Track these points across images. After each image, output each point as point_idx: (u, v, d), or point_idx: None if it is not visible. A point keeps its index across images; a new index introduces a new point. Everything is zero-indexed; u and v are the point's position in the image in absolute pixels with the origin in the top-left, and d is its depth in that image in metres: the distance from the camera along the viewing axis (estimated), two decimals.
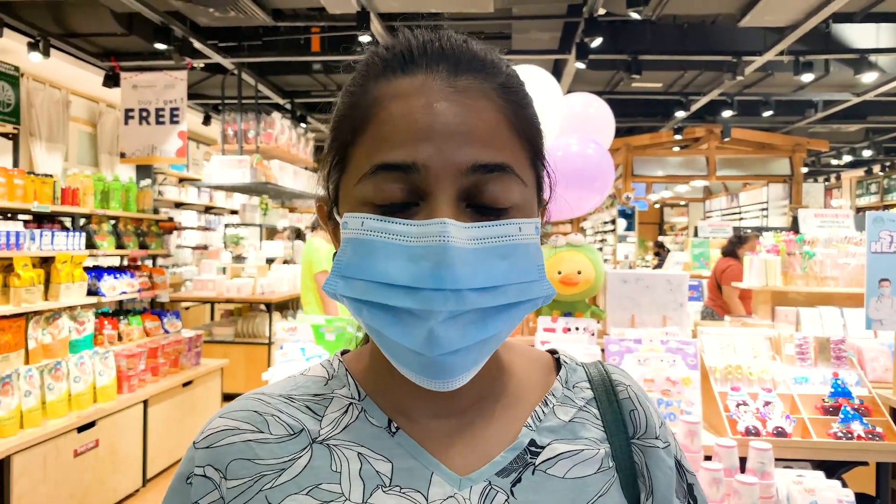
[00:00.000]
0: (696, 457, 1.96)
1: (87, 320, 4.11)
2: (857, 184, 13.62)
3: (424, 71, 0.57)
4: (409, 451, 0.60)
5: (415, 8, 5.45)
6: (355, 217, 0.56)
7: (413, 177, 0.54)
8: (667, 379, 2.23)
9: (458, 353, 0.53)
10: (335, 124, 0.62)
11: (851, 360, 2.59)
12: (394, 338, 0.54)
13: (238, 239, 8.42)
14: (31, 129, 6.68)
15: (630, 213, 10.32)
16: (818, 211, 4.64)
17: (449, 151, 0.54)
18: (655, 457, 0.66)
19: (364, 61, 0.62)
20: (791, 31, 5.72)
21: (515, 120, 0.59)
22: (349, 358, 0.68)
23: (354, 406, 0.63)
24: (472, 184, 0.55)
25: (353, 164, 0.58)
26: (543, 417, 0.64)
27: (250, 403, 0.63)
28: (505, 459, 0.60)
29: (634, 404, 0.68)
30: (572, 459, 0.62)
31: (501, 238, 0.55)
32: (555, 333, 2.54)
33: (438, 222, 0.52)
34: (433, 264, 0.51)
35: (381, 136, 0.56)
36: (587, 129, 2.78)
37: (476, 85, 0.57)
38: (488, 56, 0.60)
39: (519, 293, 0.55)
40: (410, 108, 0.55)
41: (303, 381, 0.66)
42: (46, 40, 5.62)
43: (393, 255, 0.53)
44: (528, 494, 0.59)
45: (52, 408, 3.56)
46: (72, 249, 4.08)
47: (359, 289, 0.55)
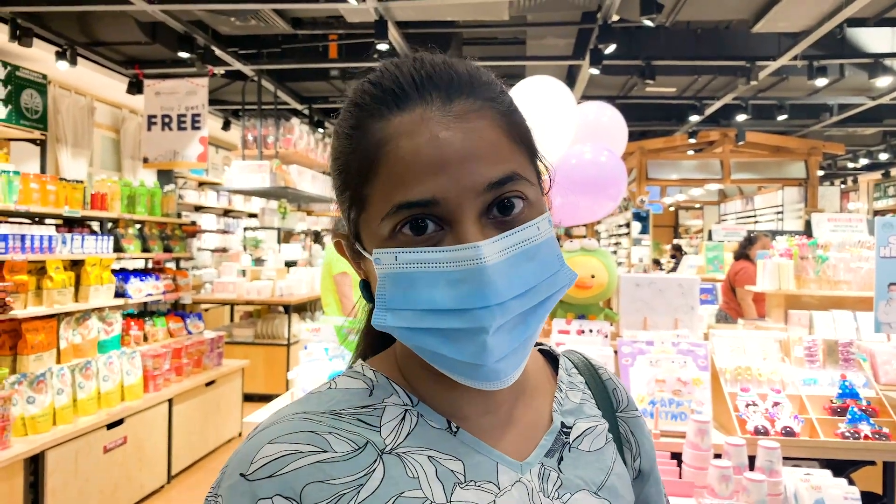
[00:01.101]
0: (706, 455, 2.03)
1: (115, 321, 4.25)
2: (875, 187, 13.54)
3: (419, 104, 0.59)
4: (472, 447, 0.64)
5: (431, 16, 5.55)
6: (387, 252, 0.59)
7: (434, 209, 0.57)
8: (678, 380, 2.30)
9: (507, 357, 0.58)
10: (340, 167, 0.64)
11: (859, 361, 2.65)
12: (448, 354, 0.58)
13: (257, 242, 8.56)
14: (57, 134, 6.85)
15: (645, 216, 10.34)
16: (831, 215, 4.67)
17: (462, 179, 0.57)
18: (638, 424, 0.79)
19: (352, 101, 0.64)
20: (805, 35, 5.75)
21: (510, 128, 0.62)
22: (379, 367, 0.69)
23: (410, 413, 0.64)
24: (489, 199, 0.58)
25: (373, 205, 0.60)
26: (564, 402, 0.74)
27: (300, 424, 0.60)
28: (548, 442, 0.69)
29: (615, 383, 0.81)
30: (592, 435, 0.72)
31: (526, 241, 0.59)
32: (569, 335, 2.62)
33: (471, 247, 0.56)
34: (474, 286, 0.55)
35: (395, 177, 0.58)
36: (600, 137, 2.86)
37: (468, 106, 0.60)
38: (471, 72, 0.63)
39: (549, 288, 0.61)
40: (417, 144, 0.58)
41: (341, 395, 0.65)
42: (73, 49, 5.78)
43: (433, 282, 0.57)
44: (570, 469, 0.68)
45: (83, 405, 3.69)
46: (100, 253, 4.21)
47: (407, 318, 0.58)
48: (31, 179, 3.78)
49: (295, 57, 6.77)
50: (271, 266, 7.38)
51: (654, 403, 2.29)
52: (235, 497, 0.58)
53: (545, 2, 5.49)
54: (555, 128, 2.79)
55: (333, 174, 0.67)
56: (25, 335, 3.50)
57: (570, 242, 2.71)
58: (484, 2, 5.04)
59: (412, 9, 5.22)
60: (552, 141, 2.82)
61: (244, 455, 0.59)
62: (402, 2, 4.99)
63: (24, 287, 3.57)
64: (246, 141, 7.12)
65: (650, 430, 2.24)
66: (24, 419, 3.32)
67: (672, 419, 2.27)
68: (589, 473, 0.69)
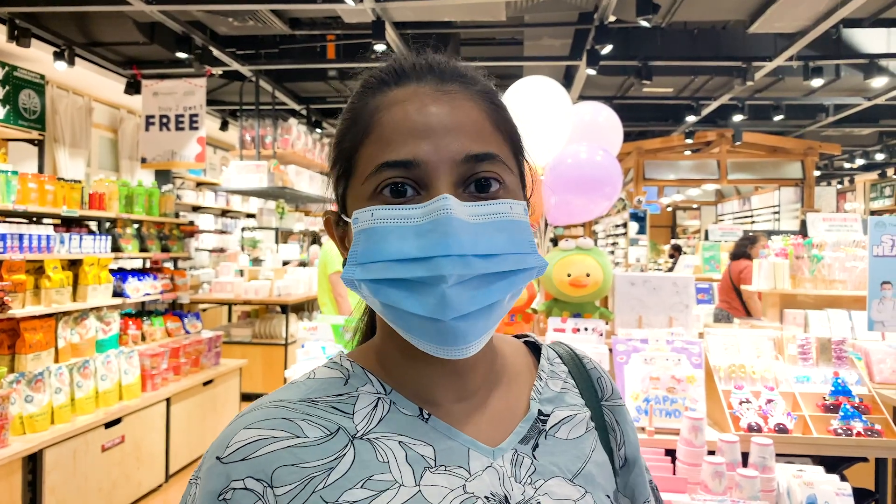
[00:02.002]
0: (700, 451, 2.04)
1: (113, 321, 4.26)
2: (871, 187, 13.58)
3: (415, 82, 0.65)
4: (444, 433, 0.65)
5: (429, 17, 5.57)
6: (364, 211, 0.62)
7: (414, 171, 0.61)
8: (672, 377, 2.32)
9: (468, 317, 0.59)
10: (338, 139, 0.69)
11: (853, 359, 2.67)
12: (409, 309, 0.59)
13: (255, 242, 8.58)
14: (55, 135, 6.86)
15: (642, 217, 10.37)
16: (826, 215, 4.69)
17: (444, 146, 0.61)
18: (622, 413, 0.81)
19: (361, 84, 0.70)
20: (801, 36, 5.77)
21: (496, 119, 0.67)
22: (357, 358, 0.72)
23: (383, 400, 0.67)
24: (466, 171, 0.62)
25: (359, 168, 0.64)
26: (543, 390, 0.75)
27: (275, 411, 0.63)
28: (523, 429, 0.70)
29: (600, 372, 0.83)
30: (570, 423, 0.74)
31: (497, 214, 0.62)
32: (564, 333, 2.63)
33: (441, 198, 0.59)
34: (439, 234, 0.58)
35: (384, 139, 0.63)
36: (596, 137, 2.88)
37: (460, 90, 0.65)
38: (468, 70, 0.69)
39: (517, 262, 0.62)
40: (406, 111, 0.63)
41: (317, 385, 0.67)
42: (71, 49, 5.79)
43: (404, 235, 0.60)
44: (546, 456, 0.69)
45: (81, 404, 3.70)
46: (98, 252, 4.22)
47: (374, 270, 0.60)
48: (29, 179, 3.79)
49: (293, 57, 6.79)
50: (269, 266, 7.39)
51: (649, 401, 2.30)
52: (212, 478, 0.61)
53: (542, 2, 5.51)
54: (550, 127, 2.81)
55: (331, 154, 0.71)
56: (23, 334, 3.51)
57: (566, 242, 2.73)
58: (481, 2, 5.06)
59: (409, 9, 5.24)
60: (548, 140, 2.84)
61: (222, 440, 0.62)
62: (399, 2, 5.01)
63: (22, 286, 3.58)
64: (244, 141, 7.13)
65: (644, 426, 2.26)
66: (23, 418, 3.33)
67: (666, 416, 2.29)
68: (564, 461, 0.70)
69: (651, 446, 2.22)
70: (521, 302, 2.74)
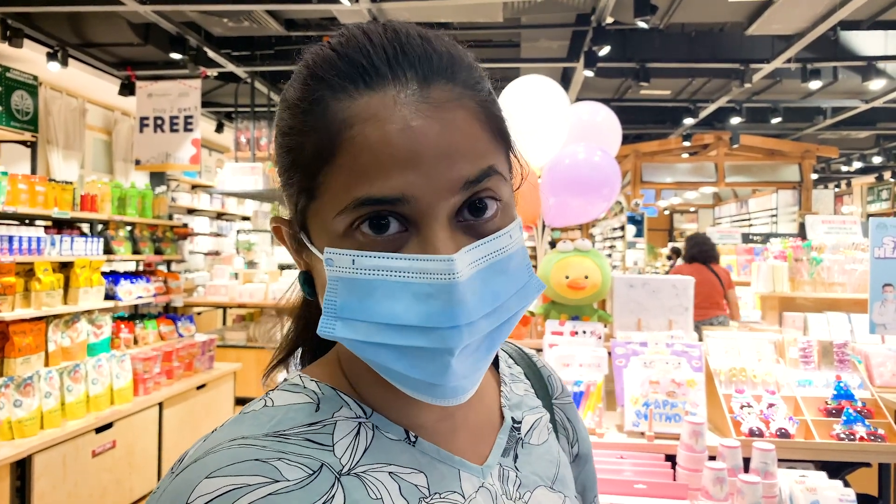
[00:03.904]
0: (701, 457, 2.00)
1: (105, 324, 4.20)
2: (868, 190, 13.59)
3: (392, 84, 0.52)
4: (433, 456, 0.60)
5: (425, 18, 5.54)
6: (342, 254, 0.52)
7: (401, 208, 0.51)
8: (672, 381, 2.28)
9: (468, 376, 0.54)
10: (290, 144, 0.56)
11: (854, 363, 2.63)
12: (403, 371, 0.52)
13: (250, 245, 8.53)
14: (48, 136, 6.81)
15: (639, 220, 10.36)
16: (825, 217, 4.67)
17: (437, 176, 0.51)
18: (572, 410, 0.79)
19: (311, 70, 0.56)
20: (798, 38, 5.76)
21: (488, 119, 0.56)
22: (320, 377, 0.62)
23: (365, 426, 0.58)
24: (462, 200, 0.53)
25: (328, 195, 0.53)
26: (510, 396, 0.71)
27: (242, 452, 0.51)
28: (503, 440, 0.66)
29: (549, 370, 0.80)
30: (538, 427, 0.71)
31: (497, 252, 0.54)
32: (562, 336, 2.59)
33: (444, 260, 0.50)
34: (444, 303, 0.50)
35: (359, 167, 0.51)
36: (594, 138, 2.84)
37: (448, 93, 0.53)
38: (451, 52, 0.56)
39: (518, 302, 0.56)
40: (387, 132, 0.51)
41: (281, 414, 0.57)
42: (65, 50, 5.74)
43: (396, 294, 0.51)
44: (526, 466, 0.66)
45: (71, 409, 3.64)
46: (90, 255, 4.17)
47: (362, 330, 0.52)
48: (19, 180, 3.74)
49: (288, 58, 6.75)
50: (264, 269, 7.34)
51: (648, 405, 2.26)
52: None
53: (539, 3, 5.48)
54: (548, 128, 2.77)
55: (280, 151, 0.58)
56: (13, 337, 3.46)
57: (564, 243, 2.69)
58: (478, 3, 5.03)
59: (406, 10, 5.21)
60: (546, 141, 2.80)
61: (176, 495, 0.49)
62: (395, 3, 4.97)
63: (11, 289, 3.52)
64: (239, 143, 7.09)
65: (644, 431, 2.22)
66: (11, 423, 3.27)
67: (666, 421, 2.25)
68: (542, 468, 0.67)
69: (651, 451, 2.19)
70: None
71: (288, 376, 0.63)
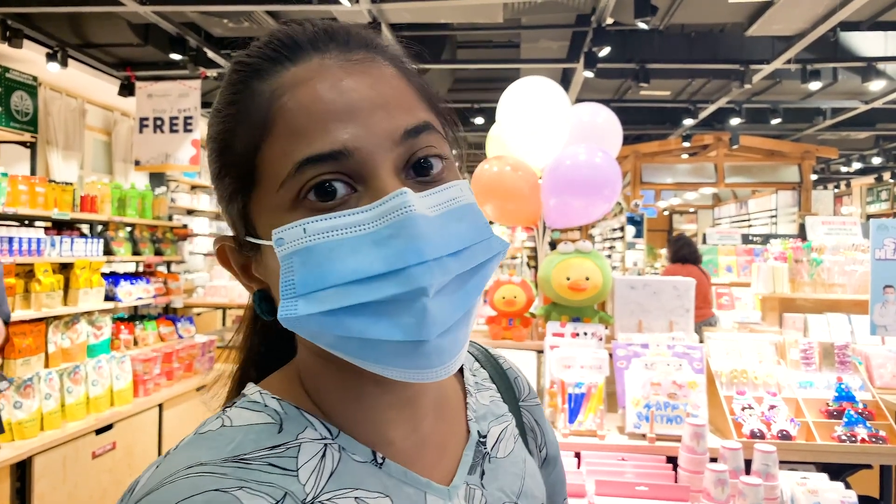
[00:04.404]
0: (702, 458, 2.00)
1: (105, 325, 4.20)
2: (868, 191, 13.59)
3: (315, 53, 0.53)
4: (399, 478, 0.56)
5: (425, 19, 5.53)
6: (291, 228, 0.50)
7: (346, 163, 0.50)
8: (673, 382, 2.28)
9: (450, 329, 0.50)
10: (220, 145, 0.55)
11: (855, 364, 2.63)
12: (380, 336, 0.48)
13: None
14: (47, 137, 6.80)
15: (639, 221, 10.35)
16: (825, 218, 4.67)
17: (376, 126, 0.50)
18: (539, 412, 0.78)
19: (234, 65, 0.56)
20: (798, 39, 5.76)
21: (417, 86, 0.57)
22: (281, 393, 0.58)
23: (331, 447, 0.55)
24: (405, 151, 0.52)
25: (268, 173, 0.52)
26: (476, 407, 0.68)
27: (200, 482, 0.47)
28: (469, 457, 0.63)
29: (516, 371, 0.79)
30: (505, 438, 0.68)
31: (453, 200, 0.53)
32: (563, 338, 2.59)
33: (398, 194, 0.48)
34: (407, 238, 0.47)
35: (296, 130, 0.50)
36: (595, 139, 2.84)
37: (371, 57, 0.54)
38: (371, 35, 0.57)
39: (485, 251, 0.54)
40: (318, 90, 0.51)
41: (242, 436, 0.53)
42: (64, 51, 5.73)
43: (356, 248, 0.48)
44: (491, 482, 0.63)
45: (71, 410, 3.64)
46: (90, 256, 4.16)
47: (327, 299, 0.48)
48: (19, 181, 3.74)
49: None
50: None
51: (650, 407, 2.26)
52: None
53: (539, 4, 5.48)
54: (549, 129, 2.77)
55: (211, 159, 0.56)
56: (13, 339, 3.45)
57: (565, 245, 2.69)
58: (478, 4, 5.03)
59: (406, 11, 5.20)
60: (546, 142, 2.80)
61: None
62: (395, 3, 4.97)
63: (11, 290, 3.52)
64: None
65: (645, 433, 2.22)
66: (11, 424, 3.27)
67: (667, 423, 2.24)
68: (508, 483, 0.65)
69: (652, 453, 2.18)
70: (520, 306, 2.70)
71: (246, 392, 0.58)
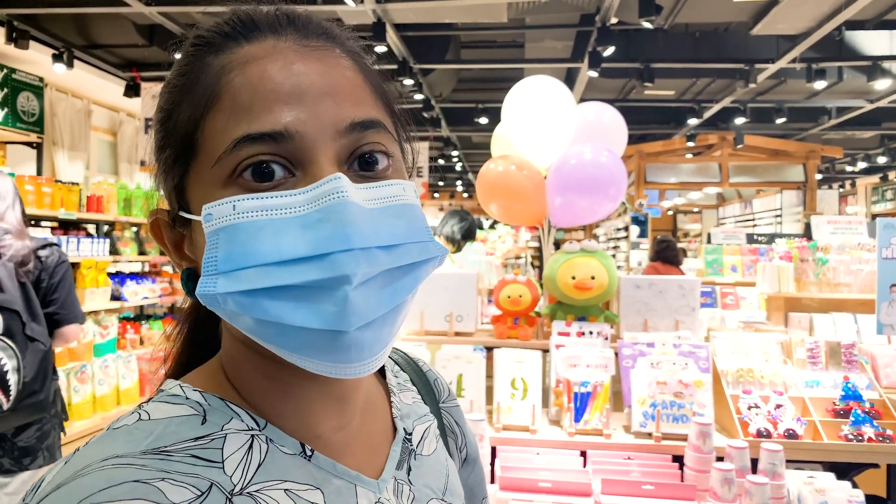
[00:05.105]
0: (709, 458, 2.00)
1: (111, 325, 4.21)
2: (873, 190, 13.55)
3: (272, 36, 0.52)
4: (329, 471, 0.55)
5: (430, 19, 5.54)
6: (221, 203, 0.48)
7: (285, 146, 0.48)
8: (679, 381, 2.28)
9: (372, 325, 0.49)
10: (165, 114, 0.55)
11: (862, 363, 2.63)
12: (298, 323, 0.47)
13: None
14: (53, 137, 6.83)
15: (643, 220, 10.33)
16: (831, 218, 4.66)
17: (322, 113, 0.49)
18: (459, 413, 0.79)
19: (193, 41, 0.55)
20: (803, 38, 5.75)
21: (374, 85, 0.56)
22: (204, 386, 0.55)
23: (258, 438, 0.53)
24: (350, 143, 0.51)
25: (205, 148, 0.50)
26: (400, 406, 0.69)
27: (118, 473, 0.44)
28: (396, 453, 0.63)
29: (435, 374, 0.79)
30: (428, 437, 0.69)
31: (392, 198, 0.52)
32: (569, 337, 2.59)
33: (332, 178, 0.47)
34: (336, 224, 0.46)
35: (239, 106, 0.49)
36: (600, 138, 2.84)
37: (328, 47, 0.53)
38: (334, 27, 0.57)
39: (420, 252, 0.53)
40: (267, 70, 0.50)
41: (160, 428, 0.50)
42: (70, 52, 5.77)
43: (284, 229, 0.47)
44: (418, 478, 0.64)
45: (78, 409, 3.65)
46: (96, 255, 4.18)
47: (247, 279, 0.46)
48: (26, 181, 3.76)
49: None
50: None
51: (656, 406, 2.26)
52: None
53: (544, 4, 5.48)
54: (554, 128, 2.77)
55: (156, 131, 0.56)
56: None
57: (570, 244, 2.69)
58: (482, 4, 5.03)
59: (410, 11, 5.21)
60: (551, 141, 2.80)
61: None
62: (400, 4, 4.98)
63: None
64: None
65: (651, 432, 2.22)
66: None
67: (673, 422, 2.24)
68: (433, 480, 0.65)
69: (658, 452, 2.18)
70: (525, 305, 2.70)
71: (163, 386, 0.56)
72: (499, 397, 2.37)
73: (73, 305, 2.56)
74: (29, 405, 2.26)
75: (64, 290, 2.50)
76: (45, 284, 2.45)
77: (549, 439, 2.24)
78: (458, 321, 2.75)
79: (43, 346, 2.31)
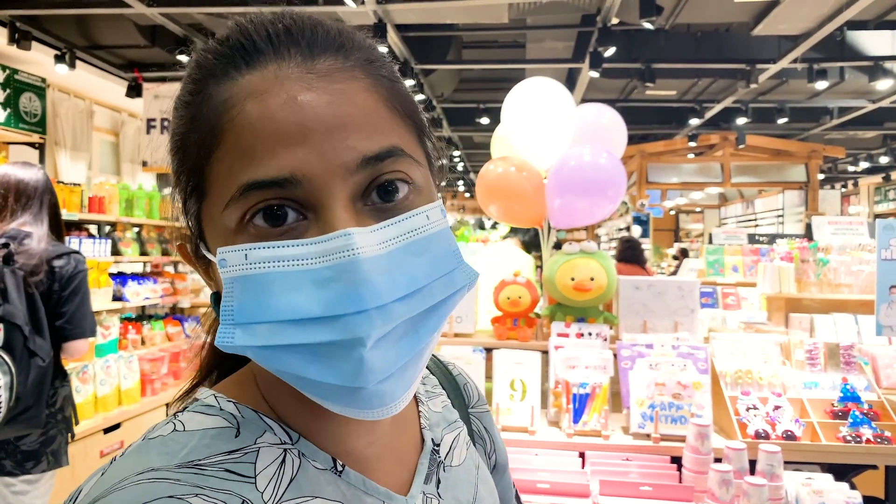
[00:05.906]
0: (707, 459, 2.01)
1: (113, 325, 4.22)
2: (875, 190, 13.52)
3: (274, 59, 0.48)
4: (359, 487, 0.55)
5: (431, 19, 5.55)
6: (234, 250, 0.47)
7: (293, 191, 0.46)
8: (678, 383, 2.28)
9: (393, 376, 0.47)
10: (176, 144, 0.52)
11: (861, 365, 2.63)
12: (318, 378, 0.46)
13: None
14: (56, 138, 6.84)
15: (645, 220, 10.32)
16: (832, 218, 4.66)
17: (330, 152, 0.46)
18: (489, 419, 0.77)
19: (194, 63, 0.52)
20: (805, 38, 5.75)
21: (390, 96, 0.51)
22: (238, 397, 0.55)
23: (291, 453, 0.53)
24: (364, 179, 0.48)
25: (215, 188, 0.49)
26: (429, 415, 0.67)
27: (152, 488, 0.45)
28: (424, 466, 0.62)
29: (466, 378, 0.78)
30: (458, 446, 0.68)
31: (412, 233, 0.49)
32: (568, 339, 2.59)
33: (341, 234, 0.45)
34: (347, 284, 0.44)
35: (243, 149, 0.46)
36: (600, 139, 2.84)
37: (338, 65, 0.49)
38: (343, 32, 0.52)
39: (444, 288, 0.50)
40: (270, 107, 0.46)
41: (197, 440, 0.50)
42: (72, 52, 5.78)
43: (295, 284, 0.45)
44: (448, 492, 0.62)
45: (80, 409, 3.66)
46: (98, 256, 4.19)
47: (262, 334, 0.46)
48: None
49: None
50: None
51: (654, 407, 2.27)
52: None
53: (545, 4, 5.48)
54: (553, 130, 2.78)
55: (171, 158, 0.54)
56: None
57: (570, 245, 2.70)
58: (483, 4, 5.04)
59: (411, 11, 5.22)
60: (551, 142, 2.81)
61: None
62: (401, 4, 4.98)
63: None
64: None
65: (650, 433, 2.22)
66: None
67: (672, 423, 2.25)
68: (462, 492, 0.64)
69: (656, 453, 2.19)
70: (524, 306, 2.71)
71: (199, 395, 0.56)
72: (498, 398, 2.38)
73: (83, 319, 2.45)
74: (22, 420, 2.18)
75: (74, 303, 2.41)
76: (56, 297, 2.37)
77: (547, 440, 2.25)
78: (458, 322, 2.75)
79: (42, 361, 2.22)
